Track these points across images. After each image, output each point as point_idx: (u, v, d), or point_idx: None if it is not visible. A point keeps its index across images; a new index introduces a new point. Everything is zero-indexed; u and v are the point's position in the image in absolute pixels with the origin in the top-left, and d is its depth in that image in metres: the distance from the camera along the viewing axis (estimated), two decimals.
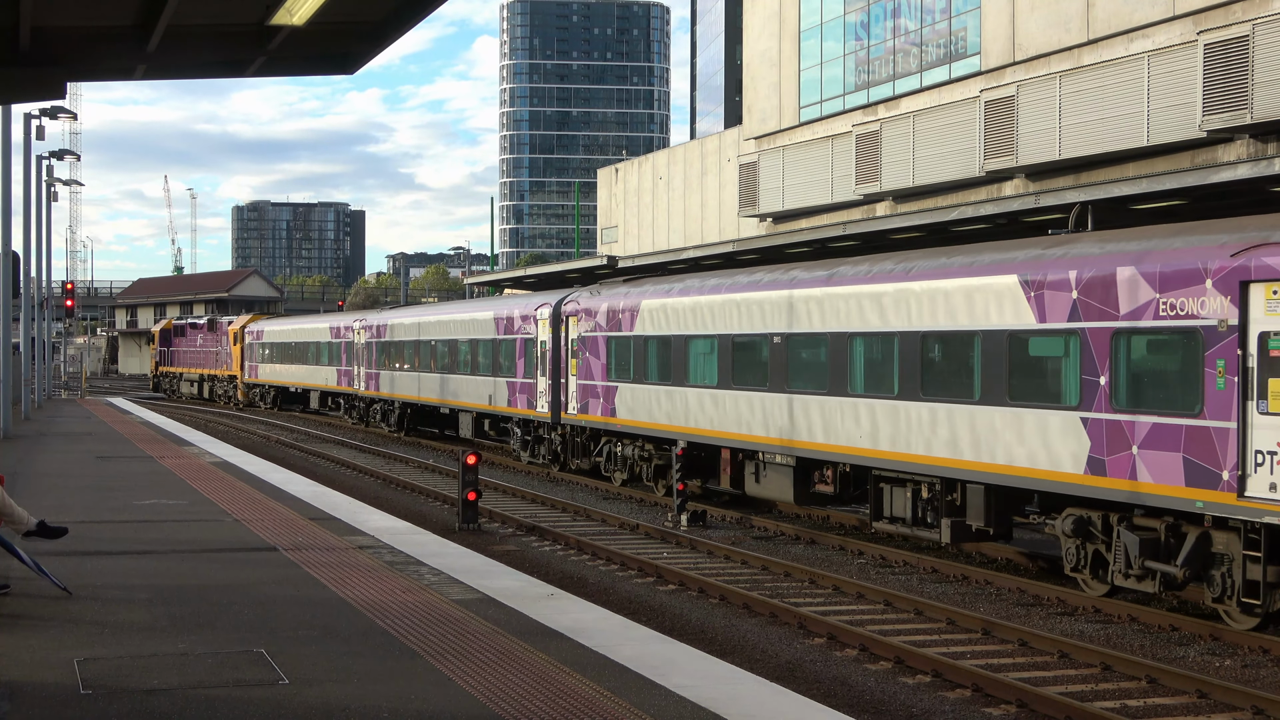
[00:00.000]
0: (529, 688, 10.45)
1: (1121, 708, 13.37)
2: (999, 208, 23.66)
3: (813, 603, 18.75)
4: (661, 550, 23.63)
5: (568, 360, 34.86)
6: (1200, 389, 16.17)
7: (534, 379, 37.03)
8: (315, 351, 62.80)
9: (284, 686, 10.52)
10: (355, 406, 57.97)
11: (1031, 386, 18.98)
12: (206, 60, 17.08)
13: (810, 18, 50.38)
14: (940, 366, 20.98)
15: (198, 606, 13.76)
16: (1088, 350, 17.82)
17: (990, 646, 16.23)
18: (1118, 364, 17.45)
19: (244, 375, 74.73)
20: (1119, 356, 17.43)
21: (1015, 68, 38.94)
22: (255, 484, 26.50)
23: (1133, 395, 17.30)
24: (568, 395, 34.75)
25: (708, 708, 9.94)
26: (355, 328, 56.42)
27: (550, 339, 35.85)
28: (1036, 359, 19.09)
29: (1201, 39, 31.70)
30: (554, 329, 35.69)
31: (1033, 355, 19.12)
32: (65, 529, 15.21)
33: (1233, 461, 15.71)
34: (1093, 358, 17.73)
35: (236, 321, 77.47)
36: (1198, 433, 16.16)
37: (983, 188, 40.09)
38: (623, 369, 31.57)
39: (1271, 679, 14.74)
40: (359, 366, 55.95)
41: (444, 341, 45.59)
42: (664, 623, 17.06)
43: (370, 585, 15.05)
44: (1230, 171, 19.35)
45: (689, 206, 65.06)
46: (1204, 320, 16.15)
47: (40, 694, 10.25)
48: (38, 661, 11.28)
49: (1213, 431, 15.98)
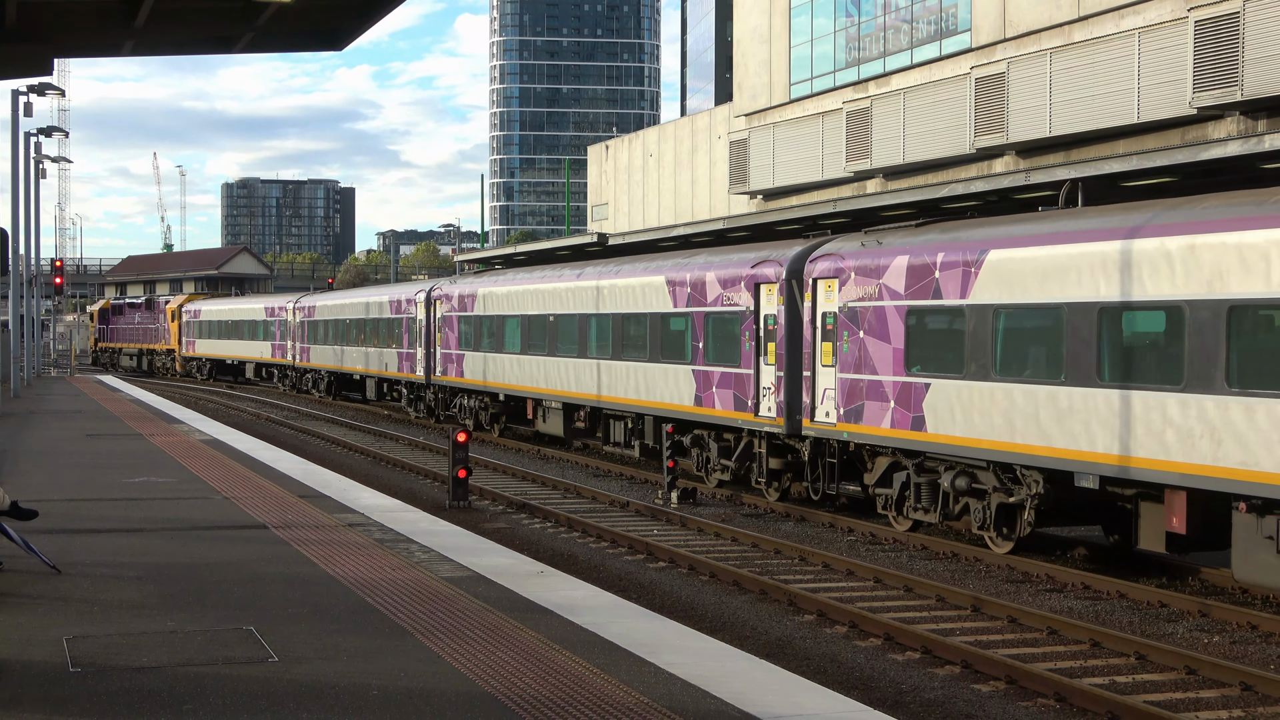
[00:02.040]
0: (519, 665, 10.46)
1: (1110, 684, 13.41)
2: (989, 185, 23.63)
3: (802, 580, 18.79)
4: (651, 527, 23.65)
5: (434, 334, 44.18)
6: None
7: (414, 350, 46.18)
8: (251, 329, 71.90)
9: (273, 664, 10.52)
10: (288, 376, 67.24)
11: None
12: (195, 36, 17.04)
13: None
14: (633, 336, 30.37)
15: (187, 584, 13.75)
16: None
17: (979, 623, 16.27)
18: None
19: (181, 349, 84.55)
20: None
21: (1006, 44, 38.87)
22: (245, 462, 26.48)
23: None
24: (435, 361, 43.98)
25: (697, 684, 9.95)
26: (289, 308, 65.23)
27: (424, 318, 45.00)
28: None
29: (1192, 15, 31.65)
30: (427, 310, 44.78)
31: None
32: (35, 511, 15.13)
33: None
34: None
35: (174, 301, 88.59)
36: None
37: (973, 165, 40.06)
38: (467, 341, 40.97)
39: (1259, 655, 14.78)
40: (292, 341, 64.58)
41: (354, 320, 54.50)
42: (654, 600, 17.08)
43: (360, 563, 15.05)
44: (1220, 148, 19.33)
45: (679, 184, 64.97)
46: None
47: (29, 672, 10.23)
48: (26, 639, 11.27)
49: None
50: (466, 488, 25.87)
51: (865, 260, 22.77)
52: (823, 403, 23.67)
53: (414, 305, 46.40)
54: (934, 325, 21.24)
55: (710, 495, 27.39)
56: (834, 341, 23.45)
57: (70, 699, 9.50)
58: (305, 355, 62.62)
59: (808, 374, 24.13)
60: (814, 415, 23.92)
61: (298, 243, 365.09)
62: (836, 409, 23.26)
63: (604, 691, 9.74)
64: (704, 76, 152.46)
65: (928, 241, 21.55)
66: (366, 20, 16.19)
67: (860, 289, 22.76)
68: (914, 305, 21.51)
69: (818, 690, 10.20)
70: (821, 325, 23.89)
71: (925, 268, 21.21)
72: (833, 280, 23.58)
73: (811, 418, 23.97)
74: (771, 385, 25.14)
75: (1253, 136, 19.32)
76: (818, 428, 23.80)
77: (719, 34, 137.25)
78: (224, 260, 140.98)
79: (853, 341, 22.89)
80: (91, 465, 25.51)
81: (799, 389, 24.40)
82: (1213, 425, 16.19)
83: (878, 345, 22.29)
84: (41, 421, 37.87)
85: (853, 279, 22.98)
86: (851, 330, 22.94)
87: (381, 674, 10.22)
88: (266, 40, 17.25)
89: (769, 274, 25.32)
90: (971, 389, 20.08)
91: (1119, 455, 17.56)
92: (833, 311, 23.56)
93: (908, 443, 21.51)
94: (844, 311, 23.18)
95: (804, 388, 24.21)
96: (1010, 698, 13.10)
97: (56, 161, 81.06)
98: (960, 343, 20.41)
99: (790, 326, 24.67)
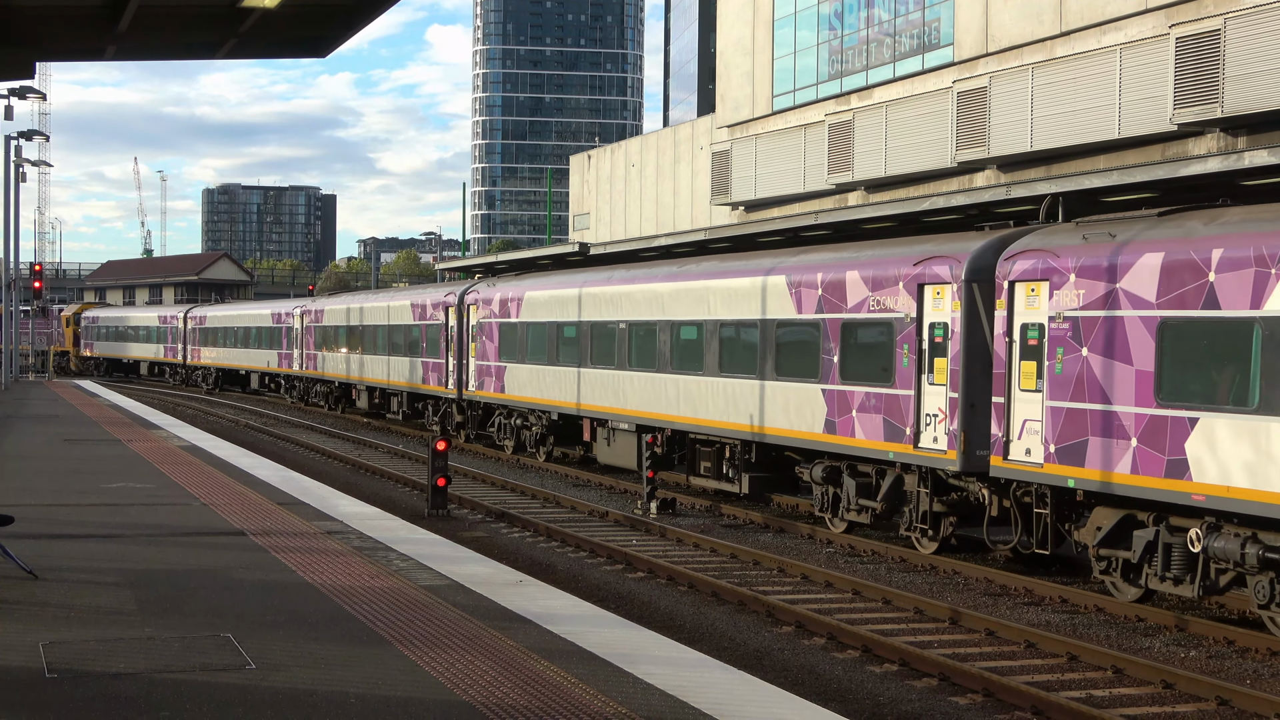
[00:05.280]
0: (496, 674, 10.44)
1: (1087, 697, 13.44)
2: (970, 198, 23.71)
3: (781, 591, 18.79)
4: (631, 538, 23.64)
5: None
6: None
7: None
8: (146, 333, 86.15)
9: (251, 671, 10.48)
10: (178, 373, 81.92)
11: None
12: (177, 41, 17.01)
13: (784, 6, 50.34)
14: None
15: (165, 590, 13.70)
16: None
17: (957, 636, 16.29)
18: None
19: (78, 350, 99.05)
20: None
21: (988, 59, 39.00)
22: (224, 468, 26.40)
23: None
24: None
25: (675, 695, 9.94)
26: (180, 315, 79.48)
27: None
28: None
29: (1173, 32, 31.81)
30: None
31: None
32: (11, 517, 15.06)
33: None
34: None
35: (68, 309, 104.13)
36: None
37: (955, 178, 40.15)
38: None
39: (1236, 670, 14.83)
40: (184, 344, 79.01)
41: (240, 329, 68.73)
42: (632, 610, 17.07)
43: (338, 571, 15.01)
44: (1200, 165, 19.42)
45: (661, 194, 65.01)
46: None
47: (5, 678, 10.18)
48: (2, 645, 11.21)
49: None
50: (445, 496, 25.82)
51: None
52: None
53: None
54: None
55: (689, 506, 27.37)
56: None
57: (46, 705, 9.45)
58: (196, 355, 76.90)
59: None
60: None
61: (278, 249, 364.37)
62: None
63: (582, 701, 9.73)
64: (686, 87, 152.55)
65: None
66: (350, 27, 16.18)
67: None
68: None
69: (795, 701, 10.21)
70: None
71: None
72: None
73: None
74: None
75: (1233, 153, 19.41)
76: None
77: (702, 45, 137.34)
78: (204, 266, 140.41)
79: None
80: (69, 470, 25.40)
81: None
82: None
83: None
84: (19, 426, 37.69)
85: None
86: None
87: (359, 682, 10.20)
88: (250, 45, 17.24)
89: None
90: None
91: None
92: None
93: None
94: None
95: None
96: (988, 710, 13.12)
97: (37, 165, 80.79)
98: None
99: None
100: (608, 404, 30.99)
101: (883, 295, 21.97)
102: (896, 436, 21.46)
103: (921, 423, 21.04)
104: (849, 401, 22.60)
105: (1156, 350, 16.93)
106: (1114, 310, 17.59)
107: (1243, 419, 15.68)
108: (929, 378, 20.96)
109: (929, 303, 21.06)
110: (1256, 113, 30.09)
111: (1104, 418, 17.62)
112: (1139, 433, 17.07)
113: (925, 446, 20.86)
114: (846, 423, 22.67)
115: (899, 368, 21.46)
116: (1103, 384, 17.69)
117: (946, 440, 20.43)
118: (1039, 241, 19.22)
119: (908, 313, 21.35)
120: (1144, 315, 17.14)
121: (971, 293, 20.21)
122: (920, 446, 20.95)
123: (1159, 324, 16.91)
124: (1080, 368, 18.05)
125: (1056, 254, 18.66)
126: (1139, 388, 17.15)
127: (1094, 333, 17.88)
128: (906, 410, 21.27)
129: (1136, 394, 17.17)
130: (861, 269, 22.61)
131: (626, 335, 30.39)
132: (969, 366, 20.19)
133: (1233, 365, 16.02)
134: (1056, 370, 18.46)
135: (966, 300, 20.26)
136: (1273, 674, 14.68)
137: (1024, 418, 19.07)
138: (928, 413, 21.01)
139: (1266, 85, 29.73)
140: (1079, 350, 18.11)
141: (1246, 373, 15.79)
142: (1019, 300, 19.29)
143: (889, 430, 21.70)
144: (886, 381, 21.75)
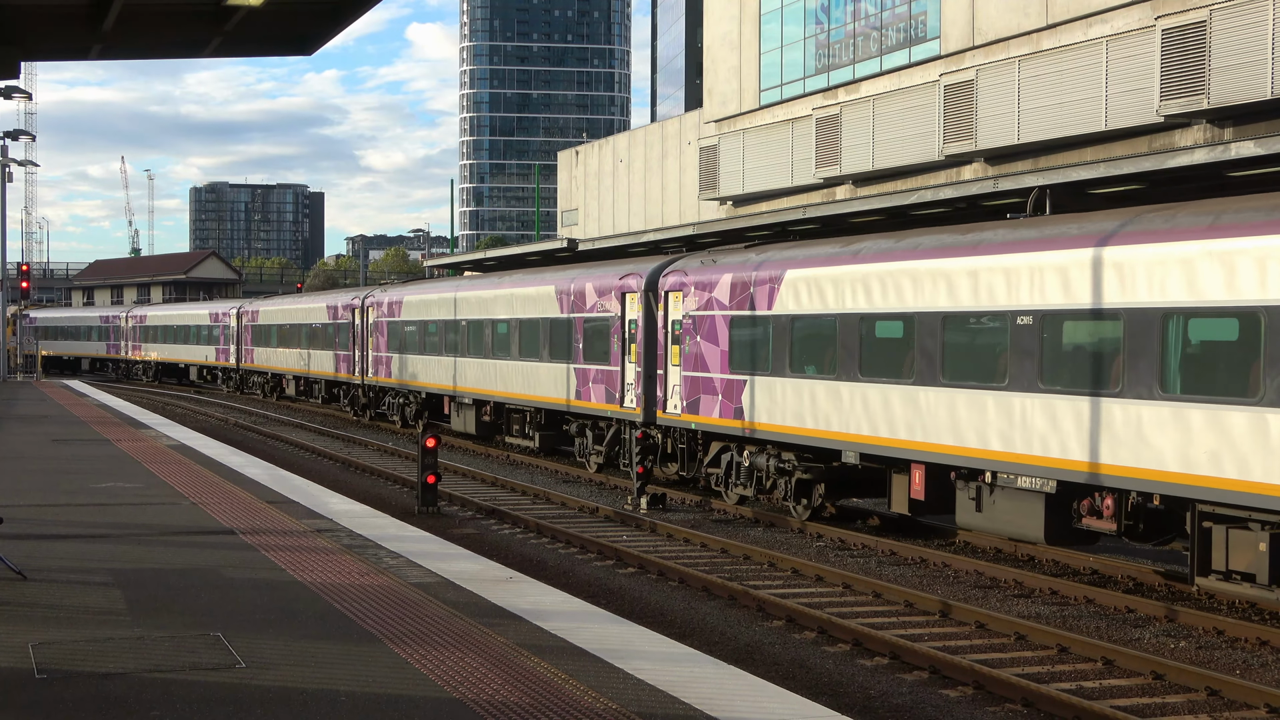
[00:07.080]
0: (487, 671, 10.44)
1: (1078, 689, 13.46)
2: (958, 191, 23.72)
3: (771, 585, 18.80)
4: (621, 533, 23.64)
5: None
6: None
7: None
8: (88, 331, 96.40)
9: (241, 670, 10.47)
10: (119, 367, 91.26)
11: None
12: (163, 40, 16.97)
13: (771, 1, 50.36)
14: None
15: (154, 590, 13.68)
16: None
17: (948, 629, 16.31)
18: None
19: (21, 348, 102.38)
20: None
21: (974, 52, 39.04)
22: (213, 467, 26.36)
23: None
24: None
25: (666, 690, 9.95)
26: (123, 315, 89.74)
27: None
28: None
29: (1159, 24, 31.86)
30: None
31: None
32: (0, 518, 15.02)
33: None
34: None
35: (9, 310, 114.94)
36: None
37: (942, 171, 40.21)
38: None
39: (1226, 660, 14.87)
40: (126, 341, 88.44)
41: (179, 327, 76.73)
42: (623, 605, 17.07)
43: (328, 569, 15.00)
44: (1187, 156, 19.46)
45: (649, 189, 65.03)
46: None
47: None
48: None
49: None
50: (435, 493, 25.80)
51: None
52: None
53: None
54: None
55: (680, 501, 27.40)
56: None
57: (36, 705, 9.43)
58: (138, 351, 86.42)
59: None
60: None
61: (266, 247, 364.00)
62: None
63: (573, 697, 9.73)
64: (674, 83, 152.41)
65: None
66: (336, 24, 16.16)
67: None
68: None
69: (786, 696, 10.21)
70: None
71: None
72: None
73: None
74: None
75: (1219, 144, 19.45)
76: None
77: (689, 40, 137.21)
78: (192, 265, 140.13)
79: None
80: (58, 470, 25.34)
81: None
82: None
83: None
84: (7, 426, 37.60)
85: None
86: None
87: (350, 680, 10.19)
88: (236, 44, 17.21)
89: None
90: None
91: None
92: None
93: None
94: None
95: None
96: (978, 703, 13.14)
97: (24, 165, 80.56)
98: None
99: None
100: (456, 384, 40.01)
101: (605, 300, 30.48)
102: (613, 400, 30.04)
103: (625, 390, 29.57)
104: (587, 376, 31.22)
105: (729, 337, 25.37)
106: (710, 311, 26.14)
107: (763, 378, 24.32)
108: (628, 359, 29.42)
109: (628, 306, 29.46)
110: (1243, 104, 30.17)
111: (706, 382, 26.30)
112: (721, 390, 25.66)
113: (627, 406, 29.44)
114: (586, 392, 31.33)
115: (614, 352, 29.96)
116: (706, 360, 26.22)
117: (635, 401, 29.05)
118: (680, 264, 27.97)
119: (617, 313, 29.86)
120: (723, 314, 25.70)
121: (649, 299, 28.65)
122: (625, 406, 29.55)
123: (730, 320, 25.38)
124: (696, 349, 26.60)
125: (686, 273, 27.28)
126: (722, 362, 25.69)
127: (703, 326, 26.37)
128: (617, 382, 29.85)
129: (720, 365, 25.72)
130: (593, 281, 31.17)
131: (466, 330, 39.08)
132: (648, 350, 28.57)
133: (764, 345, 24.32)
134: (685, 351, 27.10)
135: (645, 304, 28.68)
136: (1262, 664, 14.72)
137: (673, 384, 27.64)
138: (628, 383, 29.51)
139: (1252, 76, 29.81)
140: (696, 337, 26.63)
141: (767, 349, 24.13)
142: (671, 304, 27.84)
143: (608, 396, 30.28)
144: (607, 361, 30.25)
